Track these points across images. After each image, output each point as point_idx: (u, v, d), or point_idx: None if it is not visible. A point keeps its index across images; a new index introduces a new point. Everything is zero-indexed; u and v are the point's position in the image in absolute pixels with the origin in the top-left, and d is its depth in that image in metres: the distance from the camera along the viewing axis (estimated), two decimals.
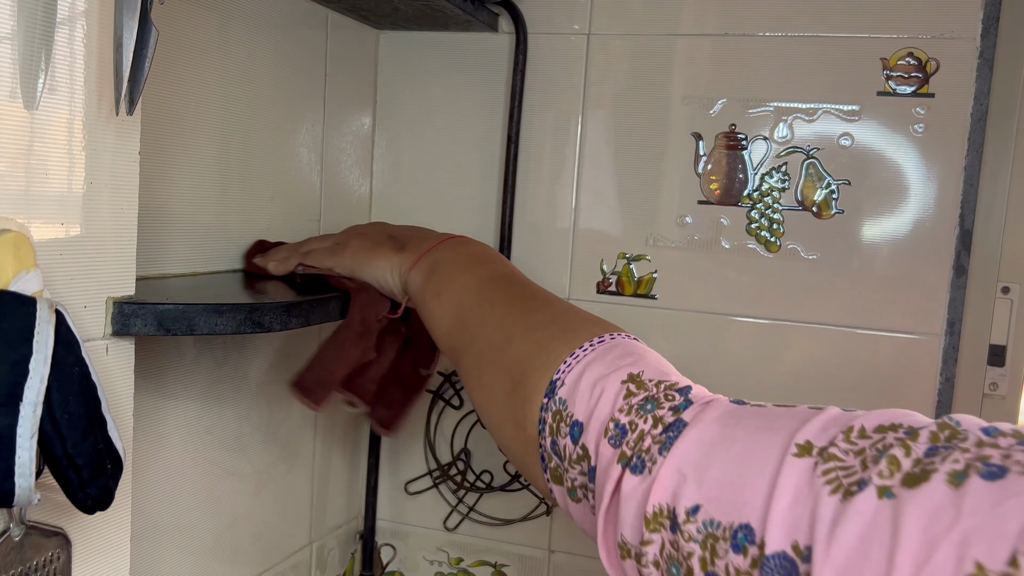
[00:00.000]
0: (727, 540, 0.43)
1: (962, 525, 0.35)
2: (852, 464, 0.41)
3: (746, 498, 0.44)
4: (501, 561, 1.14)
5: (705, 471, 0.46)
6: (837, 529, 0.39)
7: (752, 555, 0.42)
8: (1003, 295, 0.95)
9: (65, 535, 0.55)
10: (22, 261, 0.48)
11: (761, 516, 0.42)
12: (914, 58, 0.94)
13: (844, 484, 0.40)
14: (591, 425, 0.53)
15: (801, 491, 0.42)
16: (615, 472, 0.50)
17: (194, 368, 0.83)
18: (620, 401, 0.53)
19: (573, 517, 0.58)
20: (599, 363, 0.56)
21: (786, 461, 0.43)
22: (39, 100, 0.51)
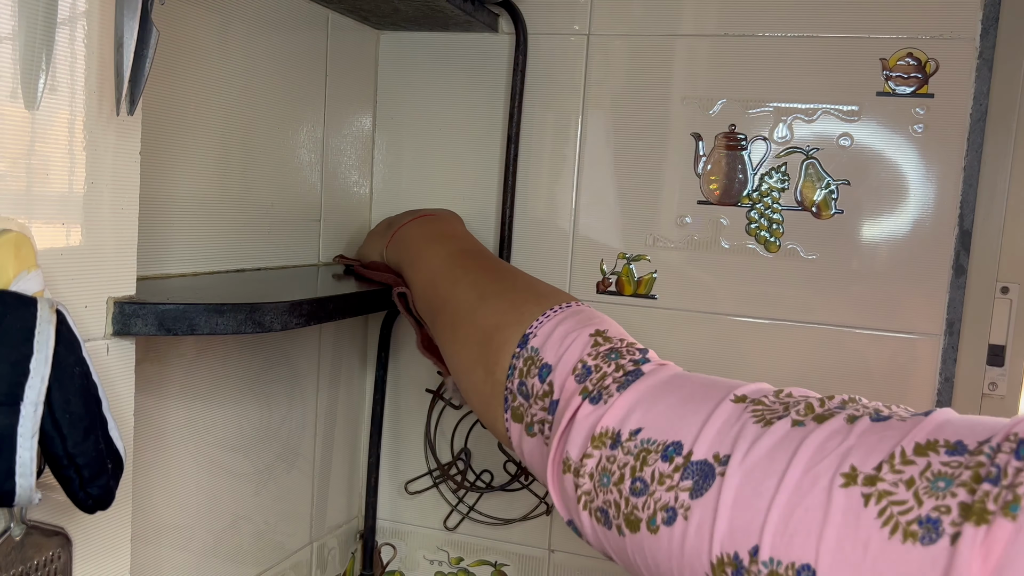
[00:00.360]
0: (657, 452, 0.51)
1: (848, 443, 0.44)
2: (776, 408, 0.49)
3: (683, 424, 0.51)
4: (501, 560, 1.14)
5: (653, 405, 0.54)
6: (754, 444, 0.47)
7: (677, 463, 0.49)
8: (1002, 295, 0.95)
9: (66, 535, 0.55)
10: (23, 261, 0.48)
11: (693, 436, 0.50)
12: (913, 58, 0.94)
13: (767, 418, 0.48)
14: (560, 366, 0.60)
15: (730, 421, 0.50)
16: (575, 402, 0.57)
17: (195, 368, 0.83)
18: (588, 349, 0.60)
19: (524, 452, 0.64)
20: (569, 321, 0.64)
21: (722, 403, 0.51)
22: (40, 100, 0.51)
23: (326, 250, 1.04)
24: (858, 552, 0.40)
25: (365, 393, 1.17)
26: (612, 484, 0.52)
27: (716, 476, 0.47)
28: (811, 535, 0.41)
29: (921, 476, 0.40)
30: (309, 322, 0.72)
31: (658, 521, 0.49)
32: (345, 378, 1.12)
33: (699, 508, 0.47)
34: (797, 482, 0.43)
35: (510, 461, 1.11)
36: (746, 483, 0.45)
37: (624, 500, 0.51)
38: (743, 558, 0.44)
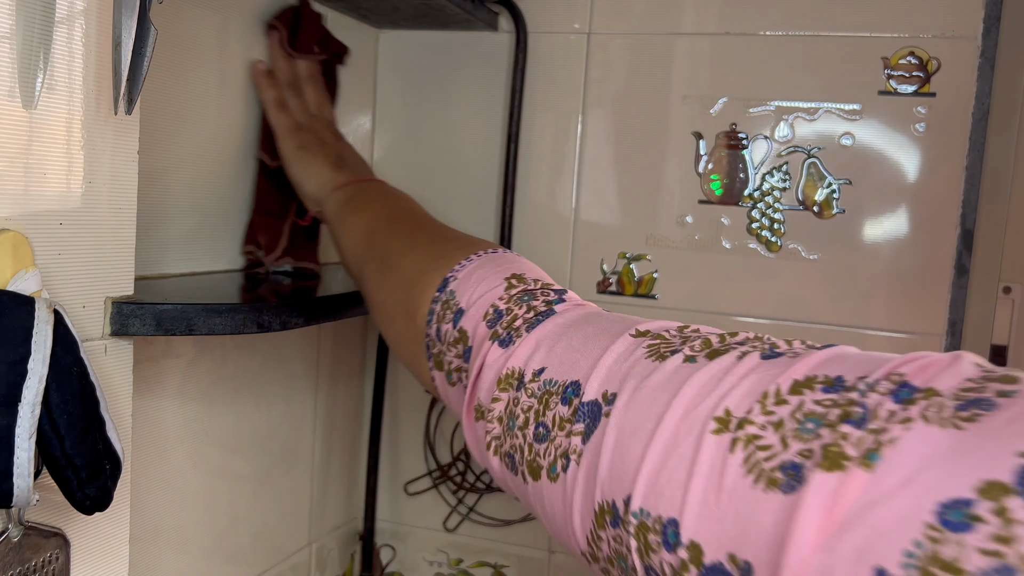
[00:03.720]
0: (558, 395, 0.48)
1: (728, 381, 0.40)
2: (674, 342, 0.46)
3: (581, 363, 0.48)
4: (501, 562, 1.14)
5: (556, 343, 0.51)
6: (642, 382, 0.44)
7: (574, 405, 0.47)
8: (1004, 295, 0.95)
9: (64, 536, 0.54)
10: (20, 261, 0.48)
11: (587, 374, 0.47)
12: (915, 57, 0.94)
13: (660, 352, 0.45)
14: (471, 311, 0.58)
15: (624, 355, 0.47)
16: (486, 347, 0.55)
17: (193, 368, 0.82)
18: (502, 292, 0.58)
19: (450, 401, 0.62)
20: (488, 265, 0.61)
21: (620, 338, 0.48)
22: (37, 99, 0.51)
23: (326, 250, 1.04)
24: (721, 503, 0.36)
25: (365, 393, 1.16)
26: (518, 428, 0.50)
27: (602, 417, 0.44)
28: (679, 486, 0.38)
29: (791, 417, 0.36)
30: (309, 322, 0.72)
31: (558, 469, 0.46)
32: (345, 378, 1.12)
33: (588, 453, 0.44)
34: (675, 427, 0.40)
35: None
36: (627, 425, 0.42)
37: (528, 446, 0.49)
38: (619, 507, 0.41)
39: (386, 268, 0.69)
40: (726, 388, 0.40)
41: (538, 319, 0.54)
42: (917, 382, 0.35)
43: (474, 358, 0.56)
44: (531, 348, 0.52)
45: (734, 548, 0.35)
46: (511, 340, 0.54)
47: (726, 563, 0.35)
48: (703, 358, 0.43)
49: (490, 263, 0.62)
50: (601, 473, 0.43)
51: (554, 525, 0.48)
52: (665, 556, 0.38)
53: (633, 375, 0.44)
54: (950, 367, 0.35)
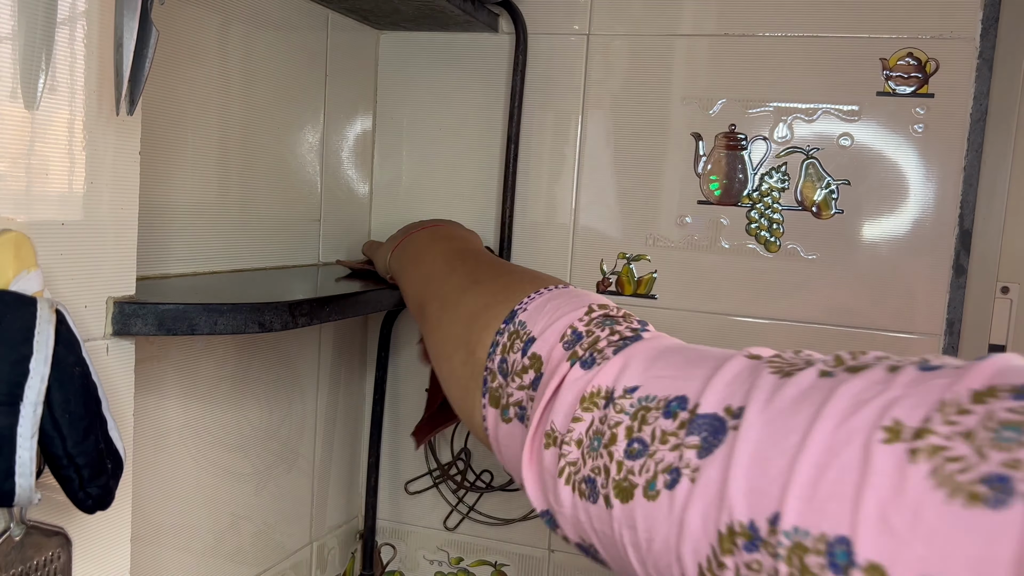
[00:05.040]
0: (659, 409, 0.44)
1: (890, 392, 0.36)
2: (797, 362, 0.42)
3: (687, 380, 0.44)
4: (501, 560, 1.14)
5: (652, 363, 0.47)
6: (774, 395, 0.40)
7: (682, 418, 0.42)
8: (1002, 295, 0.95)
9: (65, 535, 0.55)
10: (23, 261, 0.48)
11: (699, 389, 0.43)
12: (914, 58, 0.94)
13: (786, 369, 0.41)
14: (546, 334, 0.54)
15: (744, 373, 0.43)
16: (563, 368, 0.50)
17: (195, 368, 0.83)
18: (581, 314, 0.54)
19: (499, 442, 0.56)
20: (563, 297, 0.57)
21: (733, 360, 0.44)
22: (40, 100, 0.51)
23: (326, 250, 1.04)
24: (906, 520, 0.32)
25: (365, 393, 1.17)
26: (603, 447, 0.45)
27: (728, 431, 0.40)
28: (846, 501, 0.34)
29: (982, 426, 0.33)
30: (309, 322, 0.72)
31: (658, 485, 0.41)
32: (345, 378, 1.12)
33: (708, 468, 0.39)
34: (828, 438, 0.36)
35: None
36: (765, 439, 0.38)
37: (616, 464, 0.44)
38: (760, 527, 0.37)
39: (447, 305, 0.66)
40: (889, 398, 0.36)
41: (625, 342, 0.50)
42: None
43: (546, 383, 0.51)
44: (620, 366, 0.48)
45: (929, 570, 0.31)
46: (595, 361, 0.49)
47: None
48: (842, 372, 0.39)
49: (565, 295, 0.58)
50: (731, 491, 0.38)
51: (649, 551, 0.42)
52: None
53: (760, 388, 0.40)
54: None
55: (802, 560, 0.35)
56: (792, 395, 0.39)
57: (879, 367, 0.38)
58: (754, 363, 0.43)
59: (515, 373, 0.55)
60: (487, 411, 0.57)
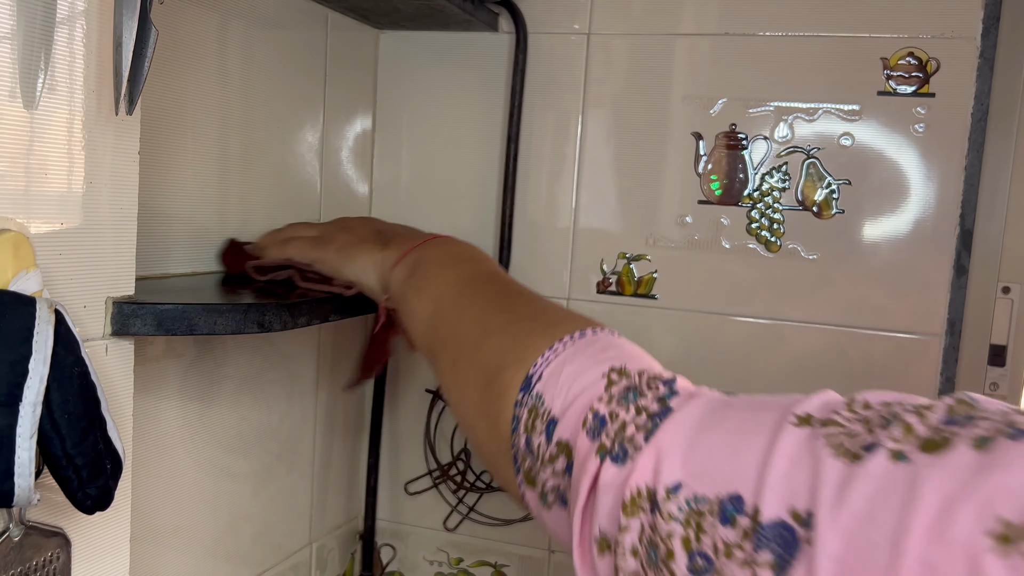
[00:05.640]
0: (714, 515, 0.39)
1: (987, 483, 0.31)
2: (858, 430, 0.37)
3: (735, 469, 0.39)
4: (501, 561, 1.14)
5: (690, 449, 0.42)
6: (844, 493, 0.35)
7: (743, 526, 0.37)
8: (1003, 295, 0.95)
9: (65, 535, 0.54)
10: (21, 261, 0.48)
11: (754, 484, 0.38)
12: (915, 58, 0.94)
13: (849, 449, 0.36)
14: (566, 418, 0.49)
15: (800, 456, 0.37)
16: (593, 465, 0.46)
17: (194, 368, 0.82)
18: (600, 391, 0.49)
19: (546, 524, 0.53)
20: (579, 357, 0.52)
21: (783, 429, 0.39)
22: (38, 100, 0.51)
23: None
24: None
25: (365, 393, 1.17)
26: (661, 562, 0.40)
27: (801, 544, 0.35)
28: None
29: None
30: (309, 322, 0.72)
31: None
32: (345, 377, 1.12)
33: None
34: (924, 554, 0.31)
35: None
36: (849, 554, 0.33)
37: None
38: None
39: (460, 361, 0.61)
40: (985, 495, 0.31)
41: (654, 422, 0.45)
42: None
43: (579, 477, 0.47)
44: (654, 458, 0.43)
45: None
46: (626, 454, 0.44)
47: None
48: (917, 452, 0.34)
49: (580, 353, 0.52)
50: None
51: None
52: None
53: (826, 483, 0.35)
54: None
55: None
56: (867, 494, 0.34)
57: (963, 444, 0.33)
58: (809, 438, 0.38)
59: (545, 460, 0.50)
60: (525, 490, 0.54)
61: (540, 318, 0.59)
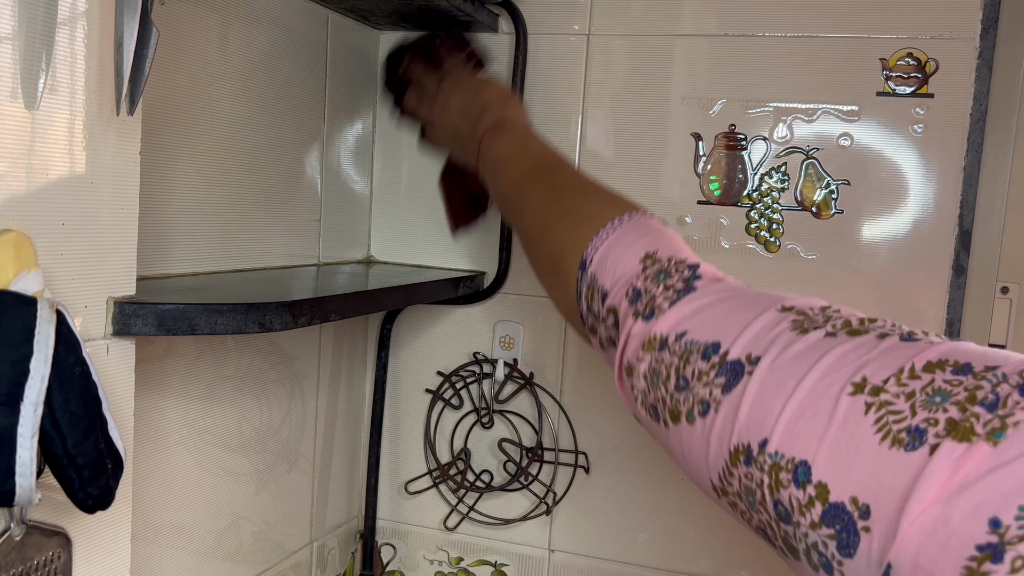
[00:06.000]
0: (698, 352, 0.55)
1: (868, 356, 0.47)
2: (817, 319, 0.52)
3: (725, 328, 0.54)
4: (501, 560, 1.14)
5: (699, 313, 0.57)
6: (784, 349, 0.50)
7: (713, 361, 0.53)
8: (1002, 295, 0.95)
9: (66, 534, 0.55)
10: (23, 261, 0.48)
11: (731, 339, 0.53)
12: (913, 58, 0.94)
13: (803, 326, 0.51)
14: (613, 291, 0.65)
15: (769, 325, 0.53)
16: (629, 322, 0.61)
17: (195, 368, 0.83)
18: (638, 272, 0.64)
19: (605, 359, 0.69)
20: (622, 243, 0.67)
21: (766, 312, 0.54)
22: (40, 100, 0.51)
23: (326, 250, 1.04)
24: (850, 453, 0.43)
25: (365, 393, 1.17)
26: (660, 383, 0.57)
27: (745, 375, 0.51)
28: (814, 435, 0.45)
29: (922, 391, 0.43)
30: (309, 322, 0.72)
31: (695, 413, 0.53)
32: (345, 378, 1.12)
33: (727, 402, 0.51)
34: (813, 386, 0.47)
35: (510, 461, 1.11)
36: (768, 382, 0.49)
37: (669, 396, 0.55)
38: (753, 448, 0.48)
39: (532, 249, 0.79)
40: (864, 360, 0.46)
41: (678, 295, 0.60)
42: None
43: (621, 328, 0.63)
44: (676, 318, 0.58)
45: (857, 492, 0.42)
46: (653, 315, 0.60)
47: (848, 503, 0.42)
48: (844, 335, 0.49)
49: (622, 239, 0.67)
50: (740, 420, 0.49)
51: (689, 462, 0.54)
52: (794, 492, 0.45)
53: (777, 342, 0.51)
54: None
55: (777, 476, 0.46)
56: (798, 350, 0.49)
57: (872, 334, 0.49)
58: (780, 317, 0.53)
59: (600, 318, 0.67)
60: (590, 337, 0.71)
61: (585, 208, 0.74)
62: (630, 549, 1.08)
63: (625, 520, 1.08)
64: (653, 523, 1.07)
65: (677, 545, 1.06)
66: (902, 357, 0.45)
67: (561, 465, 1.10)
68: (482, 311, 1.11)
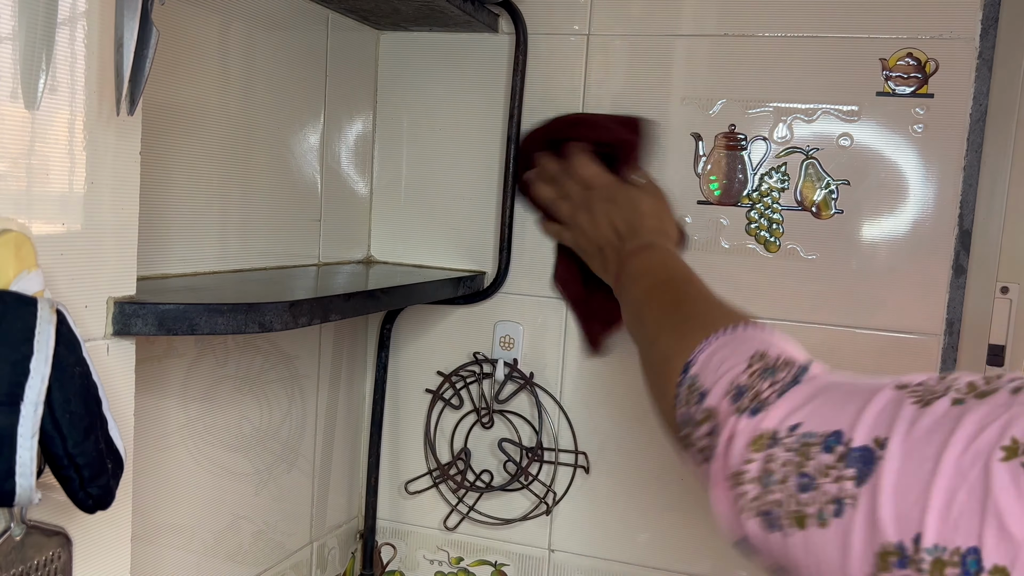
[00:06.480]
0: (819, 445, 0.49)
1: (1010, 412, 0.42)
2: (937, 389, 0.48)
3: (842, 415, 0.50)
4: (501, 560, 1.14)
5: (810, 401, 0.53)
6: (912, 425, 0.46)
7: (839, 452, 0.48)
8: (1002, 295, 0.95)
9: (66, 534, 0.55)
10: (23, 261, 0.48)
11: (851, 423, 0.49)
12: (913, 58, 0.94)
13: (924, 398, 0.47)
14: (714, 390, 0.60)
15: (888, 404, 0.49)
16: (732, 421, 0.56)
17: (195, 368, 0.83)
18: (743, 369, 0.59)
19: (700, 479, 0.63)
20: (727, 347, 0.63)
21: (882, 391, 0.50)
22: (40, 100, 0.51)
23: (326, 250, 1.05)
24: (1022, 526, 0.38)
25: (365, 393, 1.17)
26: (776, 484, 0.51)
27: (876, 460, 0.46)
28: (975, 516, 0.40)
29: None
30: (309, 322, 0.72)
31: (827, 515, 0.48)
32: (345, 378, 1.12)
33: (864, 496, 0.46)
34: (956, 461, 0.42)
35: (510, 461, 1.11)
36: (905, 466, 0.45)
37: (789, 498, 0.50)
38: (907, 546, 0.43)
39: (644, 350, 0.75)
40: (1007, 418, 0.42)
41: (786, 388, 0.55)
42: None
43: (721, 431, 0.57)
44: (785, 411, 0.53)
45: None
46: (761, 409, 0.55)
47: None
48: (972, 399, 0.45)
49: (728, 345, 0.63)
50: (882, 515, 0.44)
51: (825, 570, 0.48)
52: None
53: (901, 419, 0.47)
54: None
55: (942, 572, 0.41)
56: (927, 425, 0.45)
57: (1004, 390, 0.45)
58: (899, 394, 0.49)
59: (696, 423, 0.61)
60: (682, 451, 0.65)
61: (700, 318, 0.71)
62: (630, 549, 1.08)
63: (625, 520, 1.08)
64: (653, 523, 1.07)
65: (677, 545, 1.06)
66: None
67: (561, 465, 1.10)
68: (482, 311, 1.11)
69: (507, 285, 1.09)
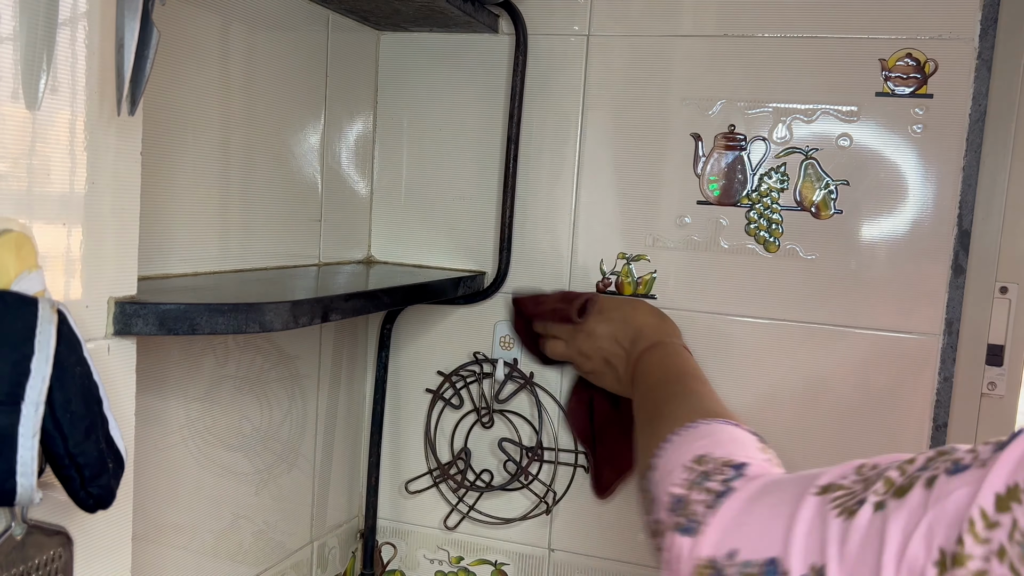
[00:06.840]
0: None
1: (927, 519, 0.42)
2: (856, 489, 0.48)
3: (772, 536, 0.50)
4: (501, 560, 1.14)
5: (741, 520, 0.53)
6: (843, 546, 0.46)
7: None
8: (1001, 295, 0.95)
9: (67, 534, 0.55)
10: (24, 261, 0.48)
11: (782, 548, 0.49)
12: (912, 59, 0.94)
13: (847, 507, 0.47)
14: (660, 498, 0.61)
15: (814, 521, 0.49)
16: (671, 538, 0.57)
17: (196, 368, 0.83)
18: (681, 478, 0.60)
19: None
20: (678, 450, 0.64)
21: (804, 501, 0.50)
22: (41, 101, 0.51)
23: (326, 250, 1.05)
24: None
25: (365, 393, 1.17)
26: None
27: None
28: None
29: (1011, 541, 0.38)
30: (310, 322, 0.73)
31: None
32: (345, 378, 1.12)
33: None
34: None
35: (510, 461, 1.11)
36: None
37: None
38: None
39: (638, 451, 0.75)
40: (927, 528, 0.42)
41: (715, 501, 0.56)
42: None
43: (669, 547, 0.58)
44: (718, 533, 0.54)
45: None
46: (694, 530, 0.56)
47: None
48: (891, 499, 0.45)
49: (678, 447, 0.64)
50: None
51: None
52: None
53: (831, 540, 0.47)
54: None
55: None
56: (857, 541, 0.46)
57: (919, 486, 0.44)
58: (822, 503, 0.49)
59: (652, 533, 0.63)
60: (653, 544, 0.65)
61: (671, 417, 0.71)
62: (630, 549, 1.08)
63: (625, 520, 1.08)
64: None
65: None
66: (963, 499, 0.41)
67: (561, 465, 1.10)
68: (482, 311, 1.11)
69: (507, 285, 1.09)
